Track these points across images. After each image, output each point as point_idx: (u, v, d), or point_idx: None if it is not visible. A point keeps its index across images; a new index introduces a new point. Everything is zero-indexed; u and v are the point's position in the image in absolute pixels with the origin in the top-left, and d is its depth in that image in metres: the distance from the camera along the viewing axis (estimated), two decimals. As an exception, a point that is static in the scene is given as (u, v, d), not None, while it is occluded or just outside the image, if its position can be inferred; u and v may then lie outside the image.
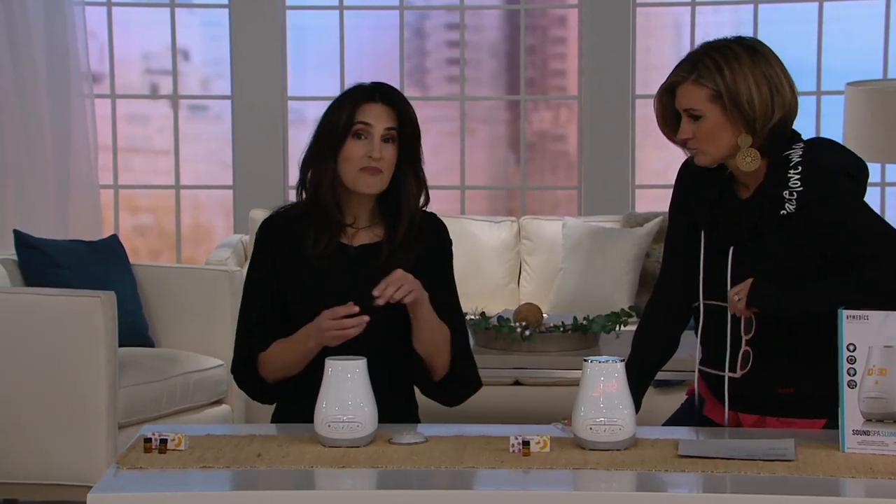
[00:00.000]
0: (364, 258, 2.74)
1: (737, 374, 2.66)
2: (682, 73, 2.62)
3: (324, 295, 2.70)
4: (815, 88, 5.95)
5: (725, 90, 2.58)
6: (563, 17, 6.34)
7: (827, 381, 2.60)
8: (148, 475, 2.33)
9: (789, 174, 2.60)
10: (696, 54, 2.63)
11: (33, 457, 4.14)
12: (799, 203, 2.59)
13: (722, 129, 2.60)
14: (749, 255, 2.63)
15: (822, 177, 2.60)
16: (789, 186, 2.60)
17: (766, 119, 2.59)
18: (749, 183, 2.67)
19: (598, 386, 2.43)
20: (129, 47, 6.21)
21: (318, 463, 2.37)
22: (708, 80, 2.59)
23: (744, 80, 2.58)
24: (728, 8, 6.11)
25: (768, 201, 2.61)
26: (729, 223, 2.66)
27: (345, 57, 6.13)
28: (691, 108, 2.61)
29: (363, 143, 2.70)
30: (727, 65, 2.59)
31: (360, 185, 2.71)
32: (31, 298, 4.24)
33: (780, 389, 2.65)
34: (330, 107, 2.76)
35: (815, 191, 2.59)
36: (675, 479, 2.29)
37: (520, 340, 4.24)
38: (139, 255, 6.08)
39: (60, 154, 5.73)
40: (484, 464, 2.36)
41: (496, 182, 6.34)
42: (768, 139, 2.61)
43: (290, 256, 2.75)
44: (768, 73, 2.60)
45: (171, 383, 4.49)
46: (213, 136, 6.22)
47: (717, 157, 2.64)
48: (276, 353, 2.73)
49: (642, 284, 5.44)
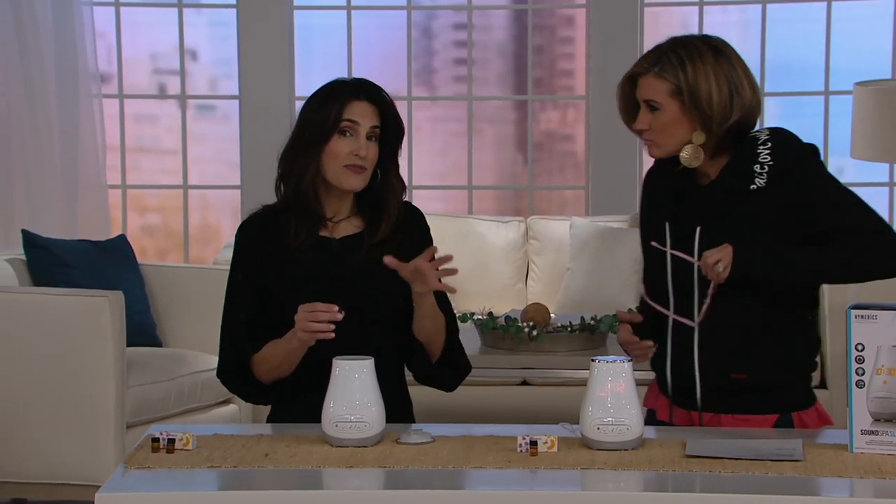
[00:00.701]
0: (347, 250, 2.75)
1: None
2: (646, 64, 2.65)
3: (310, 288, 2.71)
4: (823, 88, 5.95)
5: (686, 86, 2.61)
6: (571, 16, 6.34)
7: (788, 368, 2.64)
8: (156, 475, 2.33)
9: (758, 150, 2.63)
10: (662, 48, 2.65)
11: (41, 456, 4.15)
12: (770, 177, 2.62)
13: (678, 123, 2.63)
14: (715, 234, 2.64)
15: (792, 151, 2.64)
16: (759, 161, 2.62)
17: (723, 119, 2.61)
18: (710, 171, 2.68)
19: (605, 386, 2.43)
20: (136, 47, 6.21)
21: (326, 463, 2.37)
22: (670, 74, 2.62)
23: (705, 78, 2.61)
24: (736, 8, 6.11)
25: (738, 177, 2.63)
26: (693, 207, 2.67)
27: (352, 57, 6.13)
28: (651, 99, 2.64)
29: (349, 141, 2.72)
30: (690, 62, 2.61)
31: (343, 182, 2.73)
32: (39, 298, 4.24)
33: (731, 375, 2.65)
34: (312, 102, 2.75)
35: (787, 163, 2.61)
36: (682, 479, 2.28)
37: (527, 340, 4.23)
38: (147, 255, 6.09)
39: (68, 154, 5.74)
40: (491, 464, 2.35)
41: (504, 182, 6.34)
42: (723, 139, 2.63)
43: (273, 254, 2.76)
44: (730, 74, 2.62)
45: (179, 383, 4.49)
46: (220, 135, 6.23)
47: (670, 150, 2.66)
48: (267, 354, 2.73)
49: (650, 284, 5.43)
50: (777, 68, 6.02)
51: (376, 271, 2.73)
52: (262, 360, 2.74)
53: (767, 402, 2.66)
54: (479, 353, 4.34)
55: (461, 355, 2.84)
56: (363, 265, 2.74)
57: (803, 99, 6.03)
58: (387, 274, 2.73)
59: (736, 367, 2.64)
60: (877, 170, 5.80)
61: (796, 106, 6.08)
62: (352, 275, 2.73)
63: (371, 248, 2.75)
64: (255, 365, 2.75)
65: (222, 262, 5.33)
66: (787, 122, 6.48)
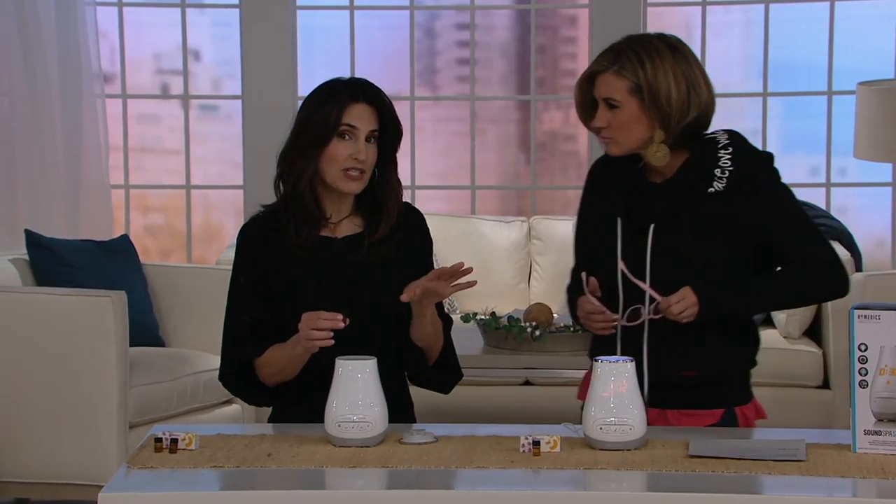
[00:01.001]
0: (348, 249, 2.76)
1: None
2: (605, 62, 2.66)
3: (312, 288, 2.71)
4: (826, 88, 5.94)
5: (646, 84, 2.62)
6: (574, 16, 6.33)
7: (733, 365, 2.68)
8: (158, 475, 2.34)
9: (719, 153, 2.65)
10: (620, 46, 2.67)
11: (44, 456, 4.15)
12: (729, 182, 2.64)
13: (637, 121, 2.64)
14: (668, 232, 2.66)
15: (754, 159, 2.67)
16: (720, 165, 2.64)
17: (682, 116, 2.63)
18: (664, 170, 2.70)
19: (608, 386, 2.43)
20: (139, 47, 6.21)
21: (329, 463, 2.37)
22: (629, 72, 2.63)
23: (664, 76, 2.62)
24: (739, 7, 6.10)
25: (696, 177, 2.65)
26: (647, 204, 2.69)
27: (355, 57, 6.12)
28: (610, 97, 2.65)
29: (348, 144, 2.71)
30: (649, 59, 2.63)
31: (342, 186, 2.73)
32: (42, 298, 4.25)
33: (682, 372, 2.66)
34: (311, 102, 2.75)
35: (748, 170, 2.64)
36: (685, 479, 2.28)
37: (530, 340, 4.23)
38: (150, 255, 6.09)
39: (71, 154, 5.74)
40: (494, 464, 2.35)
41: (506, 182, 6.33)
42: (681, 136, 2.64)
43: (274, 255, 2.75)
44: (687, 72, 2.65)
45: (182, 383, 4.49)
46: (223, 135, 6.22)
47: (629, 148, 2.68)
48: (270, 358, 2.73)
49: (653, 284, 5.43)
50: (780, 68, 6.01)
51: (377, 271, 2.73)
52: (265, 364, 2.74)
53: (714, 397, 2.69)
54: (481, 354, 4.34)
55: (453, 356, 2.85)
56: (364, 265, 2.74)
57: (806, 99, 6.03)
58: (388, 273, 2.73)
59: (686, 365, 2.66)
60: (880, 170, 5.80)
61: (799, 106, 6.07)
62: (353, 275, 2.74)
63: (371, 248, 2.75)
64: (259, 368, 2.75)
65: (225, 262, 5.33)
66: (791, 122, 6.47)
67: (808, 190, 5.90)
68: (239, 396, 2.85)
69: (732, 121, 6.19)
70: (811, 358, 4.95)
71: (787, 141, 6.14)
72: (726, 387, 2.70)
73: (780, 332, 5.04)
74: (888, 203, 5.92)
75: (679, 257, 2.64)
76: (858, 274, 4.88)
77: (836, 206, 5.89)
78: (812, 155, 6.08)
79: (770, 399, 4.91)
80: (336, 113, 2.71)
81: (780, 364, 4.93)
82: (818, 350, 4.98)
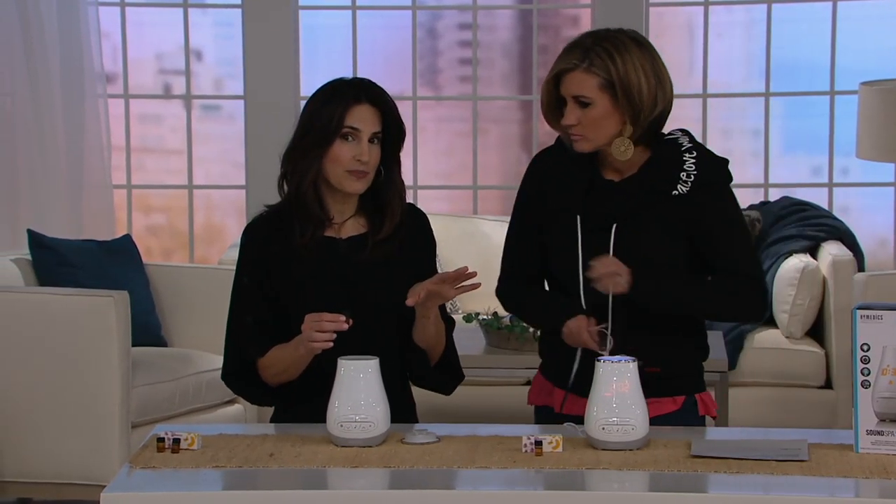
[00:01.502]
0: (353, 249, 2.76)
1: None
2: (574, 60, 2.65)
3: (316, 288, 2.72)
4: (828, 88, 5.94)
5: (618, 79, 2.62)
6: (576, 16, 6.33)
7: (690, 359, 2.73)
8: (161, 475, 2.34)
9: (684, 157, 2.66)
10: (586, 43, 2.66)
11: (46, 456, 4.15)
12: (693, 186, 2.65)
13: (608, 117, 2.64)
14: (630, 231, 2.67)
15: (717, 165, 2.70)
16: (685, 168, 2.65)
17: (650, 110, 2.65)
18: (621, 167, 2.70)
19: (610, 386, 2.43)
20: (142, 47, 6.21)
21: (331, 463, 2.37)
22: (600, 68, 2.63)
23: (634, 70, 2.63)
24: (741, 7, 6.10)
25: (660, 178, 2.66)
26: (606, 202, 2.69)
27: (357, 57, 6.12)
28: (580, 94, 2.64)
29: (351, 146, 2.71)
30: (619, 54, 2.63)
31: (346, 187, 2.73)
32: (45, 298, 4.25)
33: (646, 369, 2.66)
34: (315, 102, 2.74)
35: (711, 176, 2.67)
36: (687, 479, 2.28)
37: (532, 340, 4.23)
38: (152, 255, 6.09)
39: (74, 154, 5.74)
40: (496, 464, 2.35)
41: (509, 182, 6.33)
42: (646, 131, 2.66)
43: (279, 256, 2.75)
44: (654, 66, 2.66)
45: (184, 383, 4.49)
46: (225, 136, 6.22)
47: (599, 144, 2.68)
48: (273, 359, 2.73)
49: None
50: (782, 68, 6.01)
51: (381, 270, 2.73)
52: (268, 364, 2.74)
53: (675, 387, 2.73)
54: (483, 354, 4.34)
55: (457, 360, 2.85)
56: (368, 265, 2.74)
57: (809, 99, 6.02)
58: (391, 273, 2.73)
59: (649, 362, 2.64)
60: (882, 170, 5.79)
61: (802, 106, 6.07)
62: (357, 275, 2.74)
63: (375, 247, 2.75)
64: (261, 368, 2.75)
65: (227, 261, 5.33)
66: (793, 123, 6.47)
67: (810, 190, 5.90)
68: (241, 396, 2.85)
69: (734, 121, 6.22)
70: (813, 358, 4.95)
71: (790, 141, 6.13)
72: (686, 378, 2.76)
73: (782, 333, 5.04)
74: (890, 203, 5.91)
75: (641, 258, 2.65)
76: (861, 274, 4.88)
77: (838, 206, 5.88)
78: (814, 155, 6.07)
79: (772, 399, 4.92)
80: (339, 114, 2.71)
81: (782, 364, 4.93)
82: (820, 350, 4.98)
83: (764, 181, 5.97)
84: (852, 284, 4.87)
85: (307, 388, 2.73)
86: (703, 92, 6.00)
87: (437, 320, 2.74)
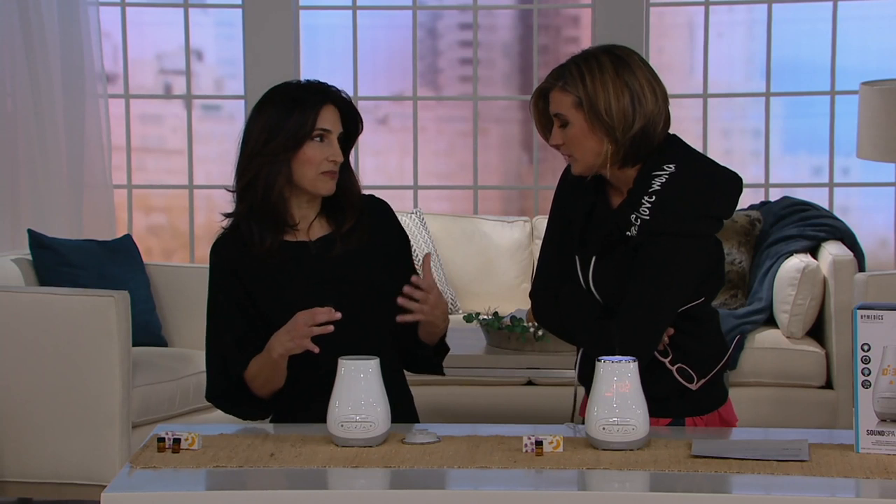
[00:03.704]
0: (324, 249, 2.77)
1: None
2: (552, 79, 2.71)
3: (300, 292, 2.72)
4: (829, 88, 5.94)
5: (585, 97, 2.65)
6: (577, 16, 6.33)
7: (675, 384, 2.68)
8: (161, 474, 2.34)
9: (644, 199, 2.65)
10: (566, 63, 2.71)
11: (47, 456, 4.15)
12: (640, 230, 2.64)
13: (586, 136, 2.66)
14: (603, 267, 2.70)
15: (668, 220, 2.64)
16: (639, 212, 2.65)
17: (627, 128, 2.64)
18: (623, 191, 2.71)
19: (611, 386, 2.43)
20: (142, 47, 6.21)
21: (331, 463, 2.37)
22: (571, 87, 2.67)
23: (602, 88, 2.64)
24: (742, 7, 6.10)
25: (621, 219, 2.67)
26: (597, 231, 2.71)
27: (357, 57, 6.13)
28: (559, 112, 2.69)
29: (323, 147, 2.73)
30: (590, 73, 2.65)
31: (320, 188, 2.75)
32: (45, 298, 4.25)
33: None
34: (272, 108, 2.73)
35: (658, 229, 2.63)
36: (688, 479, 2.28)
37: (532, 340, 4.23)
38: (152, 255, 6.09)
39: (74, 154, 5.74)
40: (497, 464, 2.35)
41: (509, 182, 6.33)
42: (631, 148, 2.65)
43: (253, 268, 2.76)
44: (630, 83, 2.65)
45: (185, 383, 4.49)
46: (226, 135, 6.22)
47: (589, 163, 2.69)
48: (254, 372, 2.73)
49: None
50: (783, 68, 6.01)
51: (355, 262, 2.76)
52: (251, 378, 2.75)
53: (663, 409, 2.67)
54: (484, 353, 4.34)
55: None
56: (340, 259, 2.76)
57: (809, 99, 6.02)
58: (366, 262, 2.76)
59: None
60: (883, 170, 5.80)
61: (802, 106, 6.07)
62: (332, 271, 2.75)
63: (343, 241, 2.77)
64: (248, 382, 2.75)
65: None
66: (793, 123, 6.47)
67: (810, 190, 5.90)
68: (231, 414, 2.82)
69: (735, 121, 6.22)
70: (814, 358, 4.95)
71: (790, 141, 6.13)
72: (675, 401, 2.70)
73: (783, 333, 5.04)
74: (891, 203, 5.91)
75: (612, 292, 2.67)
76: (861, 274, 4.88)
77: (838, 207, 5.88)
78: (815, 155, 6.08)
79: (773, 399, 4.92)
80: (311, 118, 2.72)
81: (783, 364, 4.93)
82: (821, 350, 4.98)
83: (764, 181, 5.98)
84: (853, 284, 4.87)
85: (304, 394, 2.73)
86: (703, 92, 6.00)
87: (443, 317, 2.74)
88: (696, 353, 2.71)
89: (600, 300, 2.70)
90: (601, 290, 2.69)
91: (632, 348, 2.59)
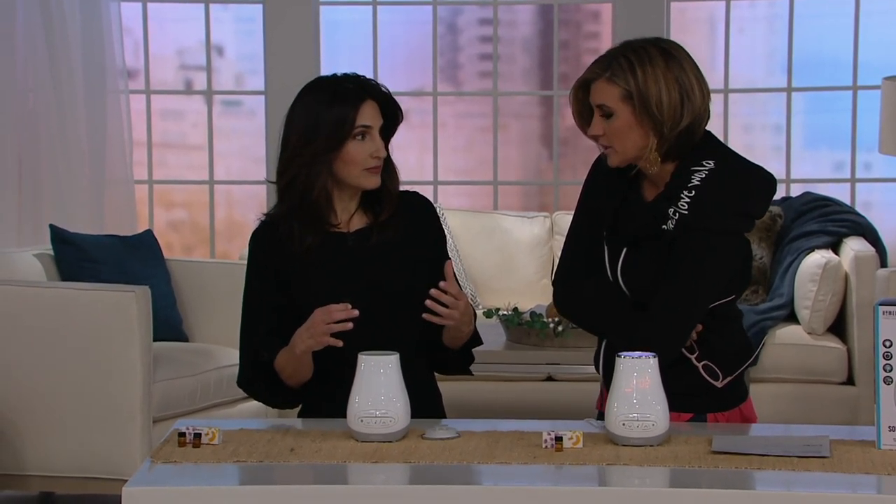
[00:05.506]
0: (361, 241, 2.77)
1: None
2: (598, 69, 2.65)
3: (333, 284, 2.73)
4: (851, 83, 5.91)
5: (636, 91, 2.60)
6: (597, 11, 6.32)
7: (700, 380, 2.66)
8: (182, 469, 2.34)
9: (682, 194, 2.62)
10: (613, 53, 2.65)
11: (69, 450, 4.17)
12: (677, 225, 2.62)
13: (631, 129, 2.63)
14: (634, 259, 2.67)
15: (707, 217, 2.62)
16: (677, 206, 2.62)
17: (675, 124, 2.61)
18: (657, 183, 2.69)
19: (630, 382, 2.42)
20: (163, 43, 6.23)
21: (351, 458, 2.38)
22: (620, 79, 2.62)
23: (655, 82, 2.60)
24: (763, 2, 6.08)
25: (657, 212, 2.64)
26: (629, 224, 2.68)
27: (378, 52, 6.13)
28: (603, 104, 2.64)
29: (366, 144, 2.72)
30: (641, 66, 2.61)
31: (365, 184, 2.75)
32: (67, 293, 4.26)
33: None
34: (313, 106, 2.71)
35: (695, 224, 2.61)
36: (708, 475, 2.28)
37: (552, 336, 4.23)
38: (173, 250, 6.11)
39: (96, 149, 5.76)
40: (516, 459, 2.35)
41: (529, 177, 6.33)
42: (675, 143, 2.62)
43: (290, 257, 2.76)
44: (680, 78, 2.62)
45: (205, 378, 4.50)
46: (246, 131, 6.24)
47: (628, 156, 2.66)
48: (282, 363, 2.74)
49: (676, 280, 5.41)
50: (805, 63, 5.98)
51: (389, 254, 2.76)
52: (280, 368, 2.75)
53: (685, 405, 2.65)
54: (504, 349, 4.34)
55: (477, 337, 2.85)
56: (375, 251, 2.76)
57: (831, 94, 6.00)
58: (401, 255, 2.75)
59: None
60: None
61: (824, 101, 6.04)
62: (367, 262, 2.75)
63: (380, 231, 2.77)
64: (278, 372, 2.76)
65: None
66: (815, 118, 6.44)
67: (832, 185, 5.87)
68: (260, 400, 2.84)
69: (756, 116, 6.20)
70: (835, 354, 4.93)
71: (812, 136, 6.11)
72: (697, 398, 2.69)
73: (804, 329, 5.02)
74: (911, 199, 5.89)
75: (640, 288, 2.66)
76: (883, 270, 4.86)
77: (860, 202, 5.86)
78: (837, 150, 6.05)
79: (794, 395, 4.90)
80: (351, 115, 2.70)
81: (804, 360, 4.91)
82: (842, 346, 4.96)
83: (786, 176, 5.95)
84: (874, 280, 4.85)
85: (332, 384, 2.73)
86: (724, 87, 5.98)
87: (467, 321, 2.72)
88: (723, 350, 2.70)
89: (627, 292, 2.69)
90: (629, 282, 2.67)
91: (663, 341, 2.58)
